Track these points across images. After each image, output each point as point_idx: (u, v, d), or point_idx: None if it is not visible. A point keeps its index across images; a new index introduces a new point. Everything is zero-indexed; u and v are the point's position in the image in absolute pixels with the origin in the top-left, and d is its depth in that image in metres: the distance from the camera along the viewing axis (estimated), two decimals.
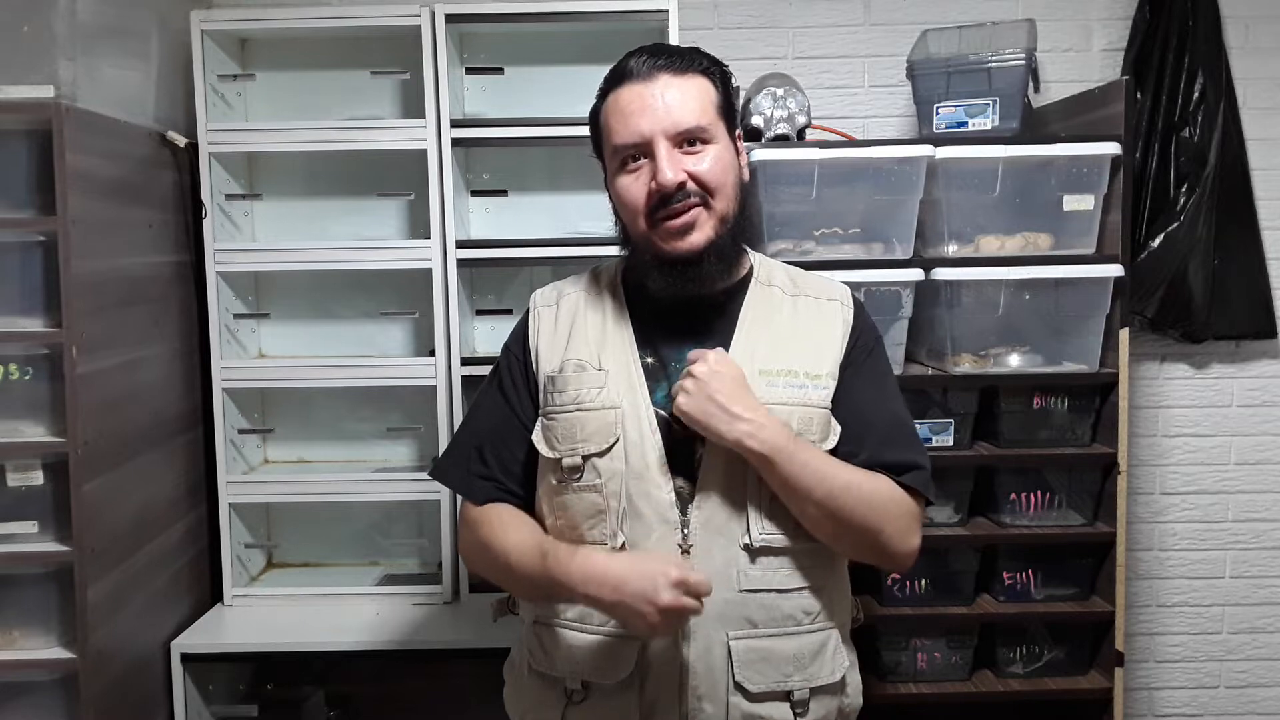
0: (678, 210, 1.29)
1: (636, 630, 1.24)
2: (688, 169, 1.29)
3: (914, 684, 2.06)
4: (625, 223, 1.37)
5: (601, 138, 1.37)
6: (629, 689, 1.29)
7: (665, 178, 1.27)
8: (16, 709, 1.78)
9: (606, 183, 1.39)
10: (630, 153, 1.31)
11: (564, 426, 1.33)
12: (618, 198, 1.35)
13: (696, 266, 1.31)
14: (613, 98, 1.34)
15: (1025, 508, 2.06)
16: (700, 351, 1.29)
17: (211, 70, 2.14)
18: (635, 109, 1.30)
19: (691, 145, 1.30)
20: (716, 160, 1.31)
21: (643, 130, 1.29)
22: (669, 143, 1.29)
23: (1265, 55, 2.44)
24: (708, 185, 1.30)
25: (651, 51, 1.33)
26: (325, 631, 2.05)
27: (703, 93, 1.32)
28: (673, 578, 1.19)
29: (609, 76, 1.36)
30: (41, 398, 1.75)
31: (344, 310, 2.35)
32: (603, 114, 1.36)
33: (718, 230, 1.31)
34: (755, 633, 1.29)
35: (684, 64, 1.32)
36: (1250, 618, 2.57)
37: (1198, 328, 2.38)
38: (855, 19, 2.45)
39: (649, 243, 1.32)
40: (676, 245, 1.30)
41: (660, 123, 1.29)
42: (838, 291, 1.44)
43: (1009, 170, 1.99)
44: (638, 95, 1.30)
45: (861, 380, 1.38)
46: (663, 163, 1.28)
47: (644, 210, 1.31)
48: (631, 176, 1.32)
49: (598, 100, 1.38)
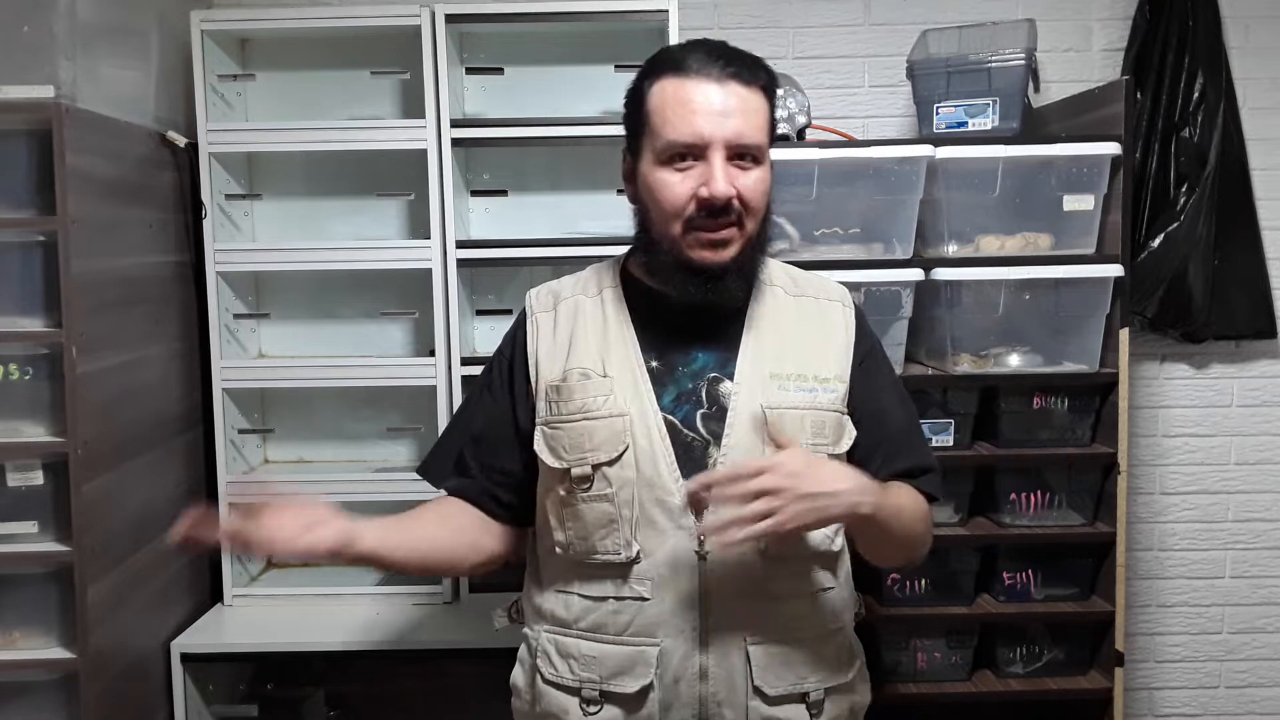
0: (719, 225, 1.26)
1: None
2: (737, 185, 1.25)
3: (914, 684, 2.06)
4: (653, 218, 1.30)
5: (644, 121, 1.29)
6: (647, 698, 1.28)
7: (719, 189, 1.23)
8: (16, 709, 1.78)
9: (633, 166, 1.33)
10: (682, 150, 1.25)
11: (571, 436, 1.31)
12: (653, 192, 1.28)
13: (720, 280, 1.28)
14: (674, 86, 1.26)
15: (1025, 508, 2.06)
16: (736, 467, 1.20)
17: (211, 70, 2.13)
18: (701, 108, 1.24)
19: (743, 160, 1.26)
20: (761, 182, 1.28)
21: (704, 133, 1.24)
22: (725, 153, 1.24)
23: (1265, 55, 2.44)
24: (749, 206, 1.27)
25: (721, 53, 1.27)
26: (325, 631, 2.05)
27: (762, 110, 1.29)
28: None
29: (662, 60, 1.30)
30: (41, 398, 1.75)
31: (344, 310, 2.35)
32: (654, 98, 1.28)
33: (744, 249, 1.29)
34: (772, 636, 1.29)
35: (750, 76, 1.27)
36: (1250, 618, 2.57)
37: (1198, 328, 2.38)
38: (855, 19, 2.45)
39: (677, 247, 1.28)
40: (706, 257, 1.27)
41: (724, 131, 1.24)
42: (836, 292, 1.43)
43: (1009, 170, 1.99)
44: (705, 95, 1.24)
45: (874, 385, 1.39)
46: (718, 173, 1.23)
47: (684, 214, 1.26)
48: (679, 175, 1.26)
49: (643, 80, 1.31)
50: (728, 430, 1.29)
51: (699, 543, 1.27)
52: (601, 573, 1.30)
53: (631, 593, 1.28)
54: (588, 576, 1.32)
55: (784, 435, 1.25)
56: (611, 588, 1.30)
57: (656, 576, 1.28)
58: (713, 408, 1.31)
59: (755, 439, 1.28)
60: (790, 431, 1.28)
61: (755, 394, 1.30)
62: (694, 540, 1.27)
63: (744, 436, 1.29)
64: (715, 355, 1.33)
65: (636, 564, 1.28)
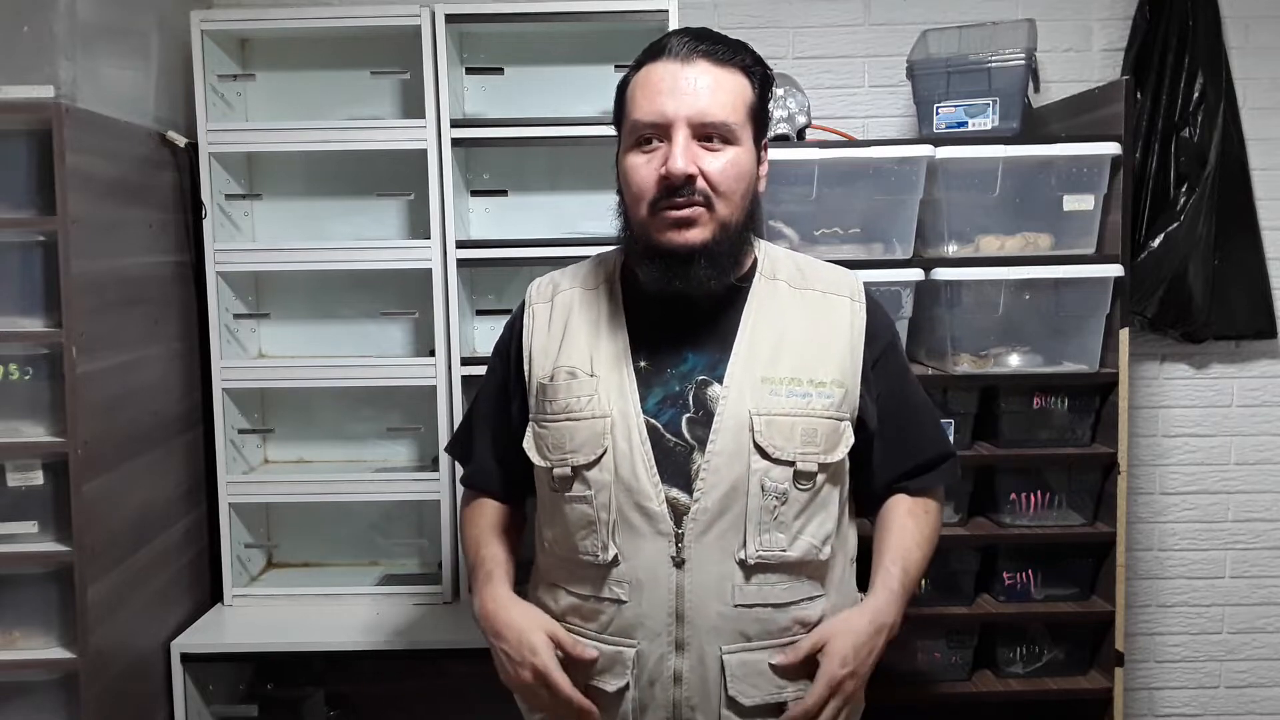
0: (679, 204, 1.23)
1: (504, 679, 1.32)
2: (700, 165, 1.22)
3: (914, 684, 2.06)
4: (627, 205, 1.30)
5: (624, 110, 1.30)
6: (624, 697, 1.28)
7: (676, 166, 1.21)
8: (16, 709, 1.78)
9: (617, 159, 1.32)
10: (647, 131, 1.24)
11: (554, 436, 1.30)
12: (624, 176, 1.28)
13: (686, 265, 1.24)
14: (644, 72, 1.27)
15: (1025, 508, 2.06)
16: (823, 689, 1.24)
17: (211, 70, 2.13)
18: (665, 88, 1.23)
19: (710, 141, 1.24)
20: (732, 164, 1.24)
21: (666, 111, 1.22)
22: (689, 131, 1.22)
23: (1265, 55, 2.44)
24: (716, 187, 1.24)
25: (696, 34, 1.26)
26: (325, 631, 2.05)
27: (738, 89, 1.26)
28: (535, 663, 1.26)
29: (646, 50, 1.30)
30: (41, 398, 1.74)
31: (344, 310, 2.35)
32: (630, 86, 1.29)
33: (716, 235, 1.25)
34: (749, 646, 1.27)
35: (726, 54, 1.25)
36: (1250, 618, 2.57)
37: (1198, 328, 2.38)
38: (855, 19, 2.45)
39: (645, 231, 1.26)
40: (671, 238, 1.24)
41: (686, 108, 1.22)
42: (847, 287, 1.38)
43: (1009, 170, 1.99)
44: (670, 74, 1.24)
45: (895, 381, 1.40)
46: (677, 150, 1.21)
47: (649, 196, 1.24)
48: (644, 157, 1.25)
49: (629, 72, 1.31)
50: (713, 436, 1.26)
51: (677, 550, 1.25)
52: (584, 572, 1.31)
53: (610, 594, 1.28)
54: (572, 574, 1.33)
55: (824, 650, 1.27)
56: (591, 587, 1.30)
57: (634, 580, 1.27)
58: (699, 412, 1.28)
59: (740, 446, 1.26)
60: (779, 439, 1.26)
61: (744, 399, 1.27)
62: (673, 547, 1.26)
63: (729, 443, 1.26)
64: (706, 357, 1.31)
65: (615, 566, 1.28)
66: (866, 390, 1.35)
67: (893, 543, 1.36)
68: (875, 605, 1.30)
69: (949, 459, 1.45)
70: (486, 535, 1.44)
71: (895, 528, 1.38)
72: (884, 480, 1.42)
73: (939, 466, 1.44)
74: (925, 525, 1.41)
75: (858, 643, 1.26)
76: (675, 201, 1.23)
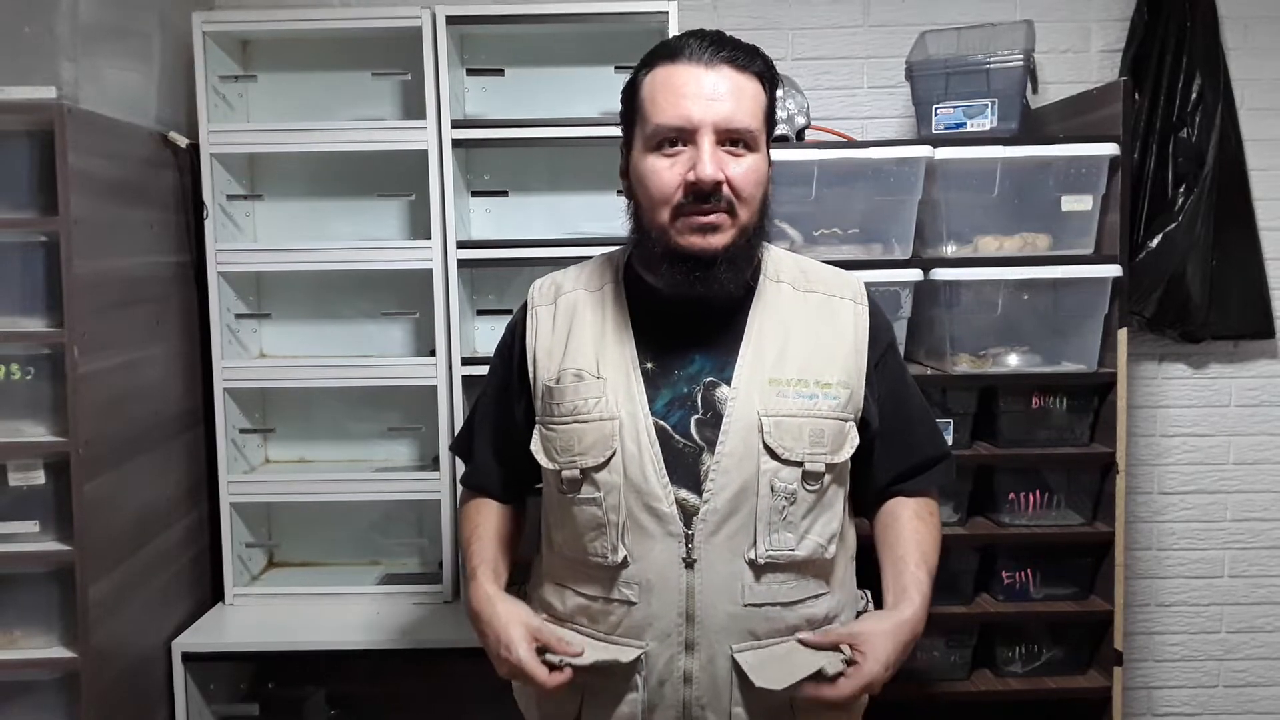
0: (706, 210, 1.23)
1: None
2: (726, 171, 1.22)
3: (913, 683, 2.06)
4: (643, 208, 1.28)
5: (636, 109, 1.28)
6: (633, 696, 1.29)
7: (706, 172, 1.20)
8: (17, 709, 1.78)
9: (627, 160, 1.31)
10: (671, 135, 1.23)
11: (563, 438, 1.30)
12: (643, 179, 1.26)
13: (709, 269, 1.24)
14: (663, 73, 1.25)
15: (1024, 507, 2.06)
16: (860, 686, 1.26)
17: (213, 71, 2.14)
18: (689, 91, 1.22)
19: (734, 146, 1.24)
20: (754, 170, 1.25)
21: (692, 116, 1.22)
22: (715, 137, 1.22)
23: (1264, 55, 2.44)
24: (739, 193, 1.24)
25: (714, 39, 1.25)
26: (326, 631, 2.06)
27: (756, 95, 1.26)
28: (509, 657, 1.26)
29: (657, 50, 1.29)
30: (43, 398, 1.75)
31: (345, 310, 2.35)
32: (646, 86, 1.27)
33: (736, 239, 1.25)
34: (758, 644, 1.28)
35: (746, 60, 1.25)
36: (1249, 617, 2.58)
37: (1196, 328, 2.39)
38: (854, 20, 2.46)
39: (665, 235, 1.25)
40: (695, 243, 1.24)
41: (712, 114, 1.22)
42: (850, 289, 1.39)
43: (1007, 171, 2.00)
44: (694, 78, 1.23)
45: (894, 382, 1.41)
46: (705, 156, 1.21)
47: (672, 200, 1.24)
48: (666, 161, 1.24)
49: (638, 71, 1.29)
50: (722, 438, 1.27)
51: (687, 550, 1.26)
52: (593, 573, 1.31)
53: (620, 595, 1.29)
54: (581, 575, 1.33)
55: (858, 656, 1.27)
56: (601, 589, 1.30)
57: (644, 581, 1.27)
58: (708, 413, 1.28)
59: (750, 447, 1.26)
60: (788, 440, 1.27)
61: (753, 400, 1.27)
62: (683, 548, 1.26)
63: (739, 444, 1.26)
64: (713, 359, 1.31)
65: (624, 568, 1.28)
66: (870, 391, 1.36)
67: (912, 546, 1.37)
68: (914, 612, 1.31)
69: (945, 460, 1.46)
70: (478, 533, 1.44)
71: (909, 530, 1.39)
72: (882, 480, 1.43)
73: (935, 467, 1.45)
74: (935, 528, 1.42)
75: (900, 646, 1.28)
76: (702, 208, 1.23)
